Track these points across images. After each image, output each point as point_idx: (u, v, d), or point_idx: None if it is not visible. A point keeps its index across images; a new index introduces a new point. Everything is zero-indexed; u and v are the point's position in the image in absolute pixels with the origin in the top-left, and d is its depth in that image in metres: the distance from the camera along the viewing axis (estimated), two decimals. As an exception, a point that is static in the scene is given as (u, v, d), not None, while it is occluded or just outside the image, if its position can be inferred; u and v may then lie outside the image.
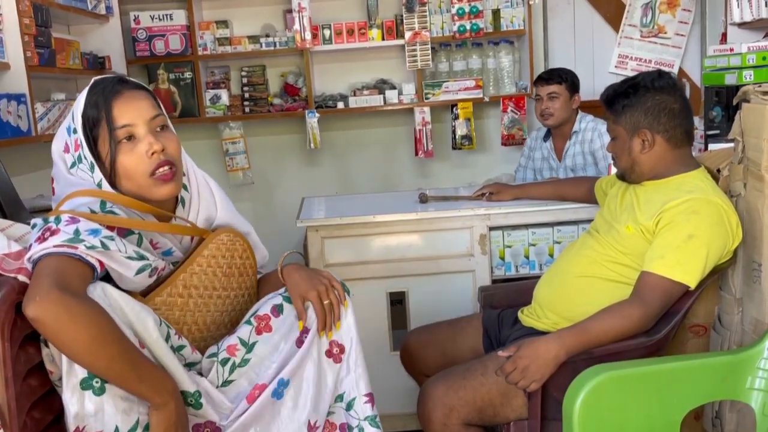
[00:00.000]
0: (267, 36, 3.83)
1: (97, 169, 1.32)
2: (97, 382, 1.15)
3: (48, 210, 2.44)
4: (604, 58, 3.97)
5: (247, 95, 3.91)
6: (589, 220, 2.08)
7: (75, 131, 1.34)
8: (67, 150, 1.36)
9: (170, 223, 1.40)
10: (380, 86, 3.89)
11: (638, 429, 1.45)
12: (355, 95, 3.85)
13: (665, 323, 1.71)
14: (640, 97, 1.80)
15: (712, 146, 1.90)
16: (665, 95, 1.80)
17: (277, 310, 1.39)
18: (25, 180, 2.72)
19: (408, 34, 3.69)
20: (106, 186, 1.32)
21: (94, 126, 1.32)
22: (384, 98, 3.82)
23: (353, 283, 2.44)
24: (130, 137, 1.33)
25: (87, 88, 1.36)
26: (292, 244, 3.84)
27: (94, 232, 1.22)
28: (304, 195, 3.01)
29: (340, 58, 3.97)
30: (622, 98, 1.83)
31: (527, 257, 2.44)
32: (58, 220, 1.23)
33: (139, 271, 1.27)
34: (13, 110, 2.49)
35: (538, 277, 2.02)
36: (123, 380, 1.16)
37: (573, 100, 3.03)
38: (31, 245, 1.20)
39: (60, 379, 1.17)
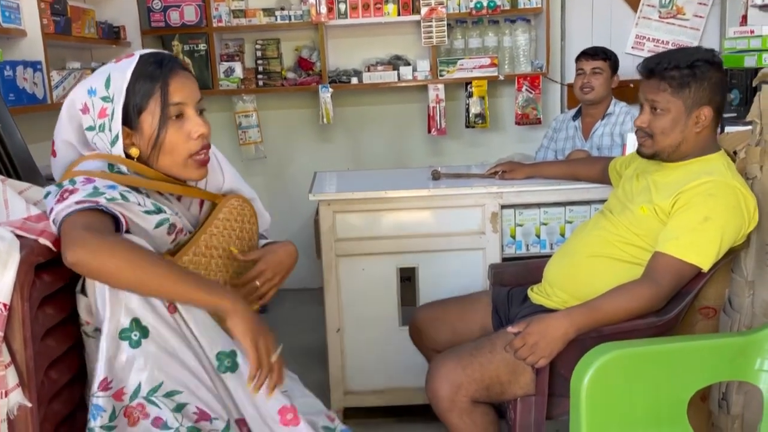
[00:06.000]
0: (282, 9, 3.81)
1: (120, 143, 1.32)
2: (135, 335, 1.17)
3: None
4: (621, 39, 3.92)
5: (260, 68, 3.91)
6: (602, 201, 2.07)
7: (107, 99, 1.31)
8: (86, 111, 1.34)
9: (183, 186, 1.42)
10: (395, 62, 3.87)
11: (645, 408, 1.46)
12: (369, 71, 3.83)
13: (676, 304, 1.71)
14: (704, 71, 1.73)
15: (729, 129, 1.88)
16: (722, 73, 1.76)
17: None
18: (40, 148, 2.73)
19: (424, 10, 3.66)
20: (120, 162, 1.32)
21: (143, 98, 1.31)
22: (398, 74, 3.80)
23: (363, 258, 2.48)
24: (179, 115, 1.34)
25: (134, 60, 1.33)
26: (304, 219, 3.86)
27: (112, 187, 1.24)
28: (316, 170, 3.01)
29: (355, 33, 3.94)
30: (687, 70, 1.72)
31: (538, 236, 2.44)
32: (72, 181, 1.24)
33: (158, 225, 1.29)
34: (29, 77, 2.50)
35: (548, 257, 2.02)
36: (181, 292, 1.19)
37: (613, 80, 3.04)
38: (52, 208, 1.21)
39: (95, 330, 1.20)
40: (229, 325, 1.21)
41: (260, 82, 3.90)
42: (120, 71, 1.33)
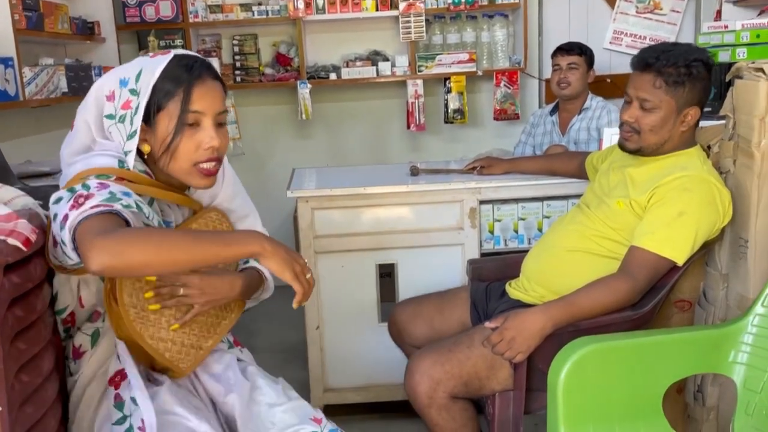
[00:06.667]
0: (259, 4, 3.79)
1: (136, 138, 1.30)
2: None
3: (37, 176, 2.42)
4: (598, 34, 3.95)
5: (238, 64, 3.88)
6: (579, 195, 2.08)
7: (134, 92, 1.30)
8: (111, 99, 1.32)
9: (176, 194, 1.40)
10: (373, 58, 3.86)
11: (622, 401, 1.47)
12: (347, 66, 3.81)
13: (651, 297, 1.72)
14: (700, 72, 1.73)
15: (703, 123, 1.90)
16: (710, 74, 1.76)
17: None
18: (12, 146, 2.69)
19: (402, 5, 3.66)
20: (130, 157, 1.31)
21: (165, 97, 1.30)
22: (377, 70, 3.79)
23: (342, 255, 2.47)
24: (195, 123, 1.33)
25: (167, 58, 1.32)
26: (283, 215, 3.84)
27: (128, 194, 1.22)
28: (294, 166, 3.00)
29: (333, 29, 3.93)
30: (684, 69, 1.71)
31: (516, 231, 2.45)
32: (86, 186, 1.21)
33: None
34: (0, 74, 2.45)
35: (526, 252, 2.02)
36: (212, 257, 1.20)
37: (589, 75, 3.07)
38: (66, 215, 1.17)
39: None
40: (266, 266, 1.26)
41: (238, 78, 3.87)
42: (151, 67, 1.31)
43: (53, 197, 1.24)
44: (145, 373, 1.36)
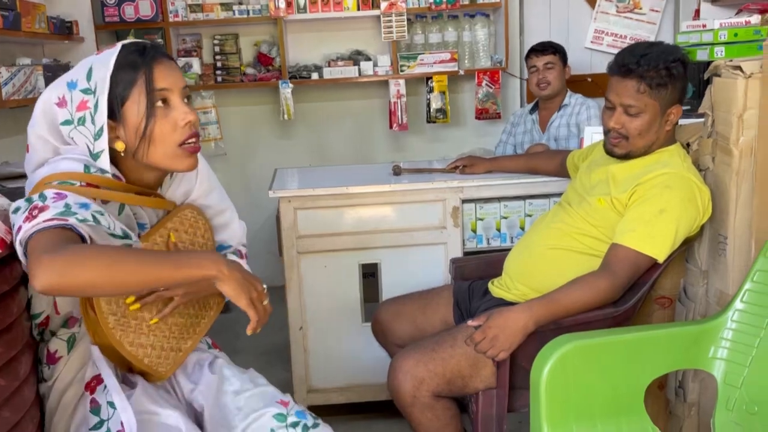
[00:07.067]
0: (240, 3, 3.76)
1: (104, 135, 1.25)
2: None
3: (17, 177, 2.39)
4: (579, 33, 3.97)
5: (219, 64, 3.85)
6: (560, 194, 2.09)
7: (88, 91, 1.25)
8: (62, 105, 1.27)
9: (146, 197, 1.36)
10: (355, 57, 3.85)
11: (604, 397, 1.48)
12: (329, 66, 3.80)
13: (632, 294, 1.74)
14: (680, 71, 1.74)
15: (682, 121, 1.91)
16: (686, 71, 1.77)
17: None
18: (-10, 147, 2.65)
19: (384, 5, 3.65)
20: (104, 157, 1.25)
21: (126, 87, 1.26)
22: (359, 70, 3.78)
23: (325, 255, 2.46)
24: (165, 101, 1.29)
25: (116, 50, 1.28)
26: (265, 216, 3.82)
27: (85, 206, 1.16)
28: (276, 166, 2.98)
29: (314, 28, 3.91)
30: (665, 71, 1.72)
31: (499, 230, 2.46)
32: (43, 197, 1.16)
33: None
34: (-24, 74, 2.42)
35: (509, 250, 2.03)
36: (165, 279, 1.16)
37: (565, 71, 3.10)
38: (20, 227, 1.13)
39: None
40: (221, 290, 1.20)
41: (219, 78, 3.85)
42: (102, 62, 1.27)
43: (13, 206, 1.19)
44: (121, 375, 1.35)
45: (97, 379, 1.28)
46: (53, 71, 3.00)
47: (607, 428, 1.46)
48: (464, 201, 2.42)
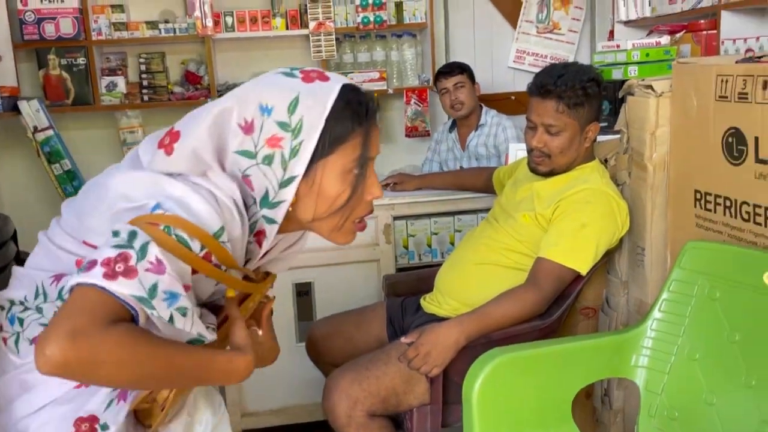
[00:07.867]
0: (166, 22, 3.70)
1: (293, 187, 1.01)
2: None
3: None
4: (502, 53, 4.09)
5: (145, 83, 3.77)
6: (488, 209, 2.14)
7: (286, 127, 1.00)
8: (249, 131, 1.01)
9: (252, 284, 1.17)
10: (285, 76, 3.84)
11: (534, 408, 1.51)
12: (258, 85, 3.78)
13: (557, 307, 1.79)
14: (595, 90, 1.81)
15: (600, 138, 2.00)
16: (600, 89, 1.85)
17: None
18: None
19: (312, 24, 3.67)
20: (281, 209, 1.03)
21: (335, 142, 1.03)
22: (289, 88, 3.77)
23: (258, 274, 2.43)
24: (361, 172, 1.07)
25: (335, 89, 1.03)
26: (195, 237, 3.75)
27: (172, 298, 0.92)
28: (206, 186, 2.94)
29: (243, 47, 3.89)
30: (581, 91, 1.79)
31: (429, 246, 2.50)
32: (143, 251, 0.90)
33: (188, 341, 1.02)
34: None
35: (440, 265, 2.06)
36: (189, 384, 1.05)
37: (475, 88, 3.17)
38: (94, 261, 0.89)
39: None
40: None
41: (145, 97, 3.77)
42: (313, 96, 1.01)
43: (114, 229, 0.93)
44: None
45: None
46: (-33, 91, 2.88)
47: (537, 438, 1.49)
48: (395, 218, 2.44)
